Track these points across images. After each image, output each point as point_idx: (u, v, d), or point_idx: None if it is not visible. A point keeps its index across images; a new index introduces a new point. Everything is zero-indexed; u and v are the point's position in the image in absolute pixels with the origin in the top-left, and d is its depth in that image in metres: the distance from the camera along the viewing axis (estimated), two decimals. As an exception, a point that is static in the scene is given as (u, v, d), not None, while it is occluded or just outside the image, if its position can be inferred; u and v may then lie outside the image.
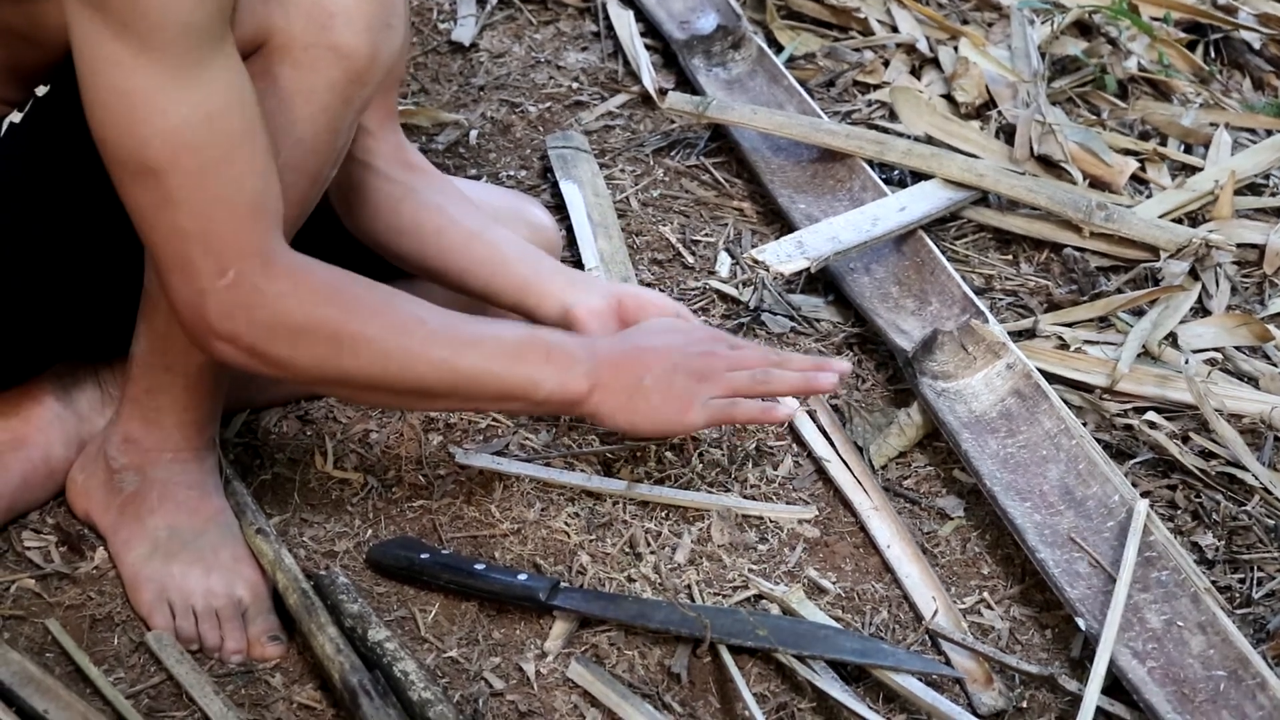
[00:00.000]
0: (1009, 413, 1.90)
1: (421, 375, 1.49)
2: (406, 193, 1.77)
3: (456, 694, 1.55)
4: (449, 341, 1.50)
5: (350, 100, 1.47)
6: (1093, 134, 2.48)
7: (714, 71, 2.60)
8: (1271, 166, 2.48)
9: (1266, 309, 2.21)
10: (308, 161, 1.48)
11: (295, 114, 1.44)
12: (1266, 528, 1.82)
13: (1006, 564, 1.79)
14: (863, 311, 2.09)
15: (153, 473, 1.62)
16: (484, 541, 1.72)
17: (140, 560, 1.60)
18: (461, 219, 1.78)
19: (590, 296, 1.76)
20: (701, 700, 1.59)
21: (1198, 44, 2.84)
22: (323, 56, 1.43)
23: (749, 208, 2.34)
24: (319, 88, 1.44)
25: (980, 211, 2.32)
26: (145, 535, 1.61)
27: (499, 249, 1.77)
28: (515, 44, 2.69)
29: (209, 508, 1.63)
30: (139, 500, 1.62)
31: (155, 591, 1.59)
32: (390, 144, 1.78)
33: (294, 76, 1.43)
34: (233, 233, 1.37)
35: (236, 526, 1.64)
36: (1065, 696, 1.61)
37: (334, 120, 1.47)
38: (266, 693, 1.54)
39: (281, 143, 1.44)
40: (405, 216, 1.77)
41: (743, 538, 1.77)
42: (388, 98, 1.75)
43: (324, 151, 1.49)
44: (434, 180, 1.81)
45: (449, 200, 1.79)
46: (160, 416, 1.60)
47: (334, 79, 1.44)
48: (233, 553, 1.61)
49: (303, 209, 1.52)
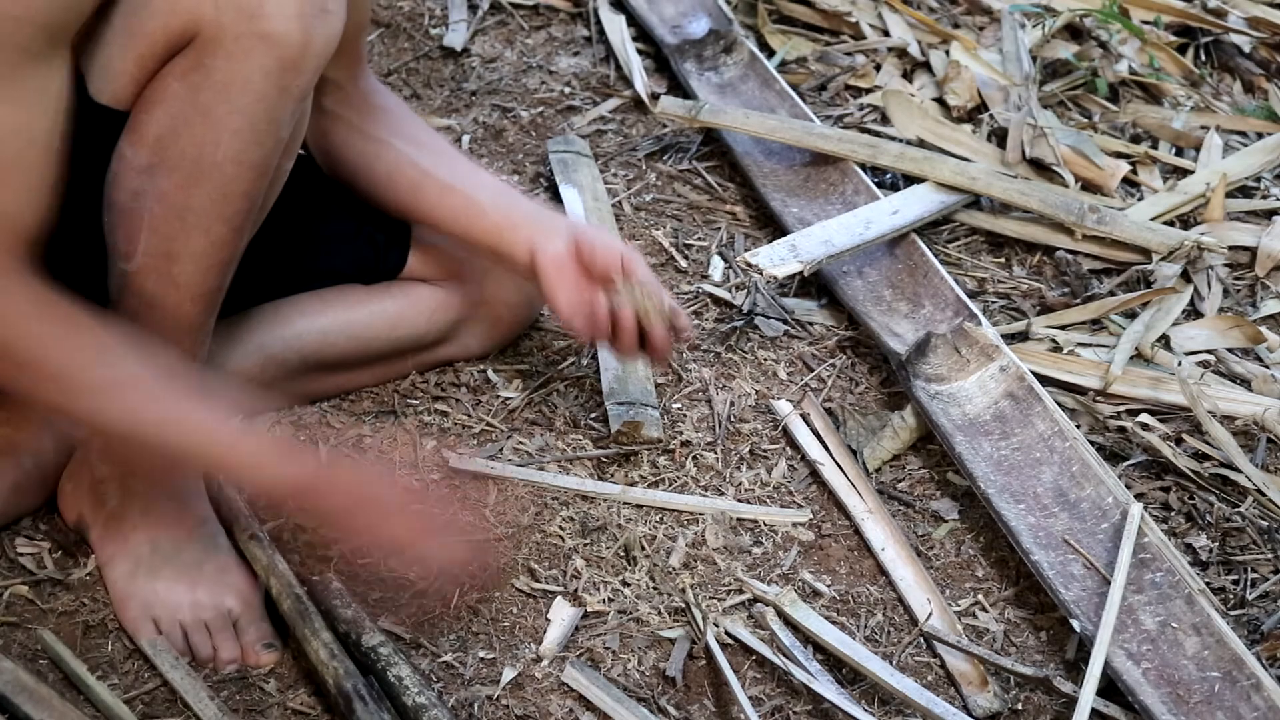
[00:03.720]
0: (1002, 415, 1.90)
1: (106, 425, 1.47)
2: (381, 149, 1.79)
3: (451, 699, 1.55)
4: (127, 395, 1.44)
5: (287, 88, 1.44)
6: (1084, 137, 2.49)
7: (706, 76, 2.60)
8: (1262, 169, 2.49)
9: (1259, 311, 2.22)
10: (249, 153, 1.46)
11: (231, 105, 1.43)
12: (1260, 529, 1.82)
13: (1001, 566, 1.79)
14: (856, 315, 2.09)
15: (134, 485, 1.61)
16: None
17: (124, 578, 1.60)
18: (435, 171, 1.79)
19: (553, 241, 1.76)
20: (696, 704, 1.59)
21: (1188, 47, 2.84)
22: (254, 46, 1.41)
23: (742, 211, 2.34)
24: (253, 77, 1.42)
25: (972, 215, 2.32)
26: (128, 552, 1.61)
27: (472, 199, 1.79)
28: (507, 49, 2.69)
29: (190, 518, 1.62)
30: (121, 516, 1.61)
31: (140, 608, 1.58)
32: (359, 93, 1.79)
33: (226, 68, 1.42)
34: None
35: (222, 535, 1.64)
36: (1060, 698, 1.61)
37: (272, 109, 1.45)
38: (261, 698, 1.54)
39: (220, 135, 1.43)
40: (381, 174, 1.79)
41: (737, 541, 1.77)
42: (353, 46, 1.74)
43: (266, 143, 1.47)
44: (406, 126, 1.82)
45: (422, 153, 1.80)
46: None
47: (267, 67, 1.42)
48: (217, 564, 1.61)
49: (251, 201, 1.50)
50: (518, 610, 1.66)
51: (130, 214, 1.47)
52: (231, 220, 1.49)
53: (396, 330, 1.87)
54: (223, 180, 1.45)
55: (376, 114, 1.81)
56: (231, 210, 1.48)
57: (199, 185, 1.45)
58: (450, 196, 1.79)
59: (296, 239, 1.82)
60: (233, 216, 1.49)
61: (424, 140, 1.83)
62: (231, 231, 1.50)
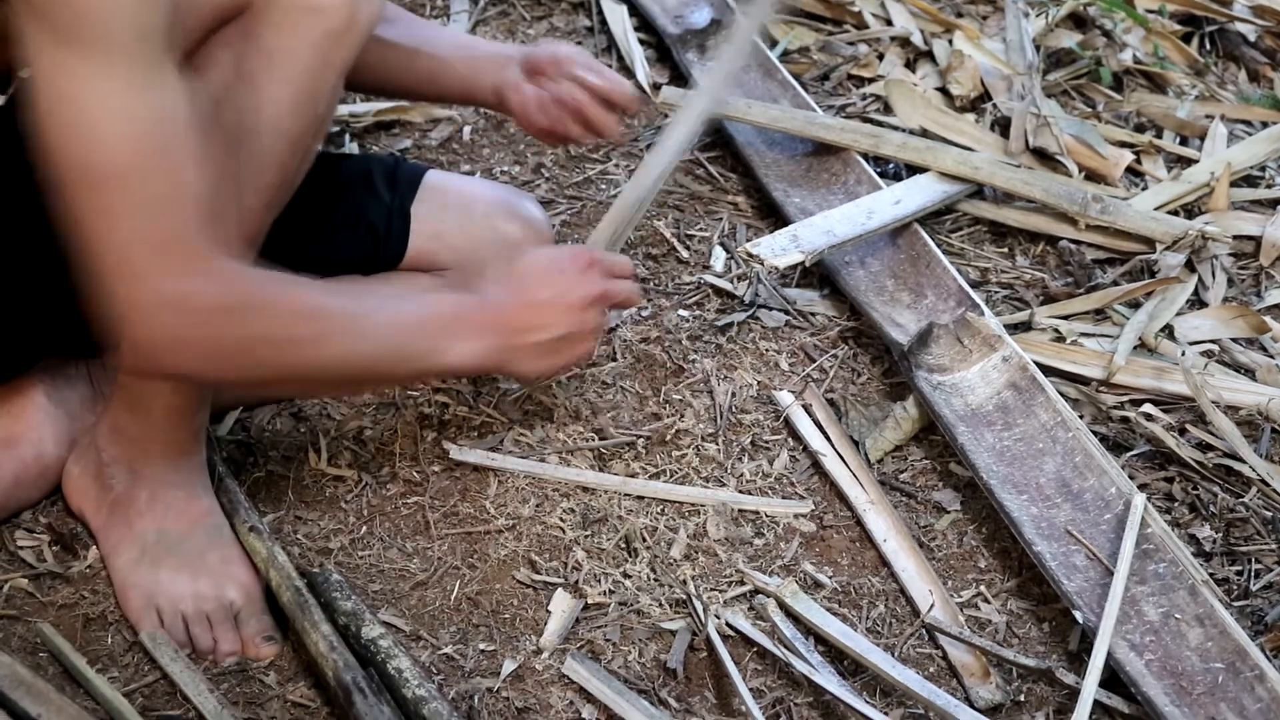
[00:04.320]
0: (1005, 406, 1.89)
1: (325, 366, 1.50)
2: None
3: (451, 691, 1.54)
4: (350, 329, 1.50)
5: (330, 61, 1.48)
6: (1088, 126, 2.48)
7: (708, 66, 2.60)
8: (1267, 158, 2.48)
9: (1263, 300, 2.21)
10: (286, 123, 1.49)
11: (276, 74, 1.46)
12: (1264, 520, 1.82)
13: (1003, 557, 1.78)
14: (858, 305, 2.08)
15: (142, 471, 1.61)
16: (478, 538, 1.71)
17: (128, 566, 1.60)
18: (400, 39, 1.85)
19: (509, 73, 1.87)
20: (698, 695, 1.58)
21: (1193, 36, 2.83)
22: (304, 16, 1.46)
23: (744, 202, 2.34)
24: (300, 48, 1.46)
25: (975, 204, 2.31)
26: (134, 539, 1.61)
27: (437, 57, 1.87)
28: (509, 39, 2.68)
29: (197, 509, 1.63)
30: (128, 501, 1.62)
31: (143, 598, 1.58)
32: None
33: (275, 36, 1.46)
34: (181, 241, 1.36)
35: (226, 527, 1.64)
36: (1063, 690, 1.60)
37: (314, 81, 1.48)
38: (261, 691, 1.53)
39: (262, 102, 1.46)
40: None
41: (738, 532, 1.76)
42: None
43: (304, 114, 1.50)
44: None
45: (387, 24, 1.83)
46: (147, 401, 1.59)
47: (314, 39, 1.47)
48: (221, 555, 1.61)
49: (284, 174, 1.52)
50: (518, 602, 1.66)
51: None
52: (263, 192, 1.50)
53: (397, 321, 1.86)
54: (260, 149, 1.47)
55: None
56: (264, 181, 1.50)
57: (237, 152, 1.46)
58: (418, 61, 1.86)
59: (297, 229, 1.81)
60: (265, 188, 1.50)
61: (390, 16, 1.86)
62: (263, 204, 1.51)
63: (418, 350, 1.53)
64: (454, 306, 1.57)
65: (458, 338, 1.54)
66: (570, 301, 1.61)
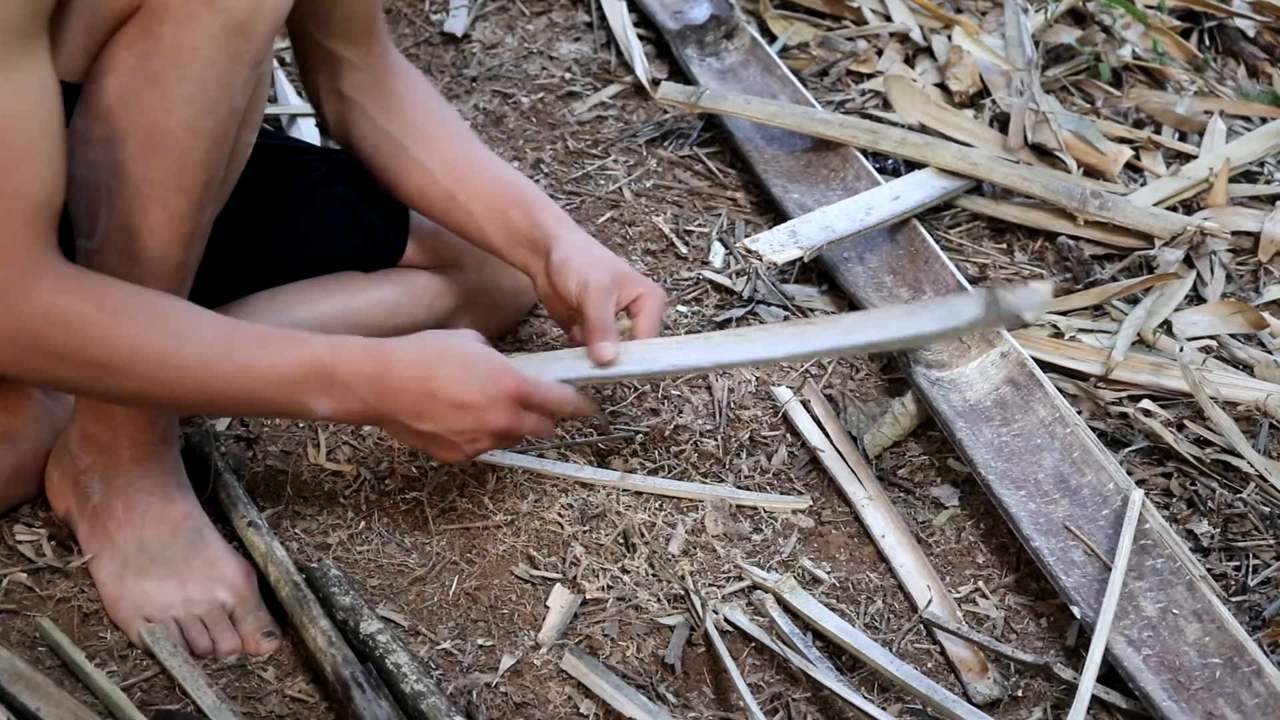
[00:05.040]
0: (1003, 401, 1.89)
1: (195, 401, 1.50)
2: (394, 148, 1.79)
3: (450, 686, 1.54)
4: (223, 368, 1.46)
5: (238, 54, 1.43)
6: (1087, 122, 2.48)
7: (707, 61, 2.60)
8: (1266, 154, 2.48)
9: (1261, 296, 2.21)
10: (202, 121, 1.44)
11: (182, 72, 1.41)
12: (1262, 515, 1.82)
13: (1001, 553, 1.78)
14: (856, 301, 2.08)
15: (115, 479, 1.60)
16: (477, 534, 1.72)
17: (113, 578, 1.59)
18: (441, 177, 1.79)
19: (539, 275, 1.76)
20: (696, 691, 1.58)
21: (1192, 32, 2.83)
22: (202, 11, 1.40)
23: (742, 198, 2.34)
24: (202, 43, 1.40)
25: (974, 200, 2.31)
26: (115, 552, 1.60)
27: (472, 216, 1.79)
28: (508, 35, 2.68)
29: (174, 513, 1.61)
30: (106, 512, 1.60)
31: (131, 610, 1.57)
32: (375, 75, 1.78)
33: (175, 34, 1.40)
34: (8, 235, 1.34)
35: (209, 527, 1.63)
36: (1061, 685, 1.61)
37: (223, 76, 1.43)
38: (259, 686, 1.54)
39: (170, 103, 1.42)
40: (392, 173, 1.81)
41: (737, 528, 1.76)
42: (365, 23, 1.74)
43: (219, 111, 1.45)
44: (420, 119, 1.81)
45: (431, 154, 1.79)
46: (110, 409, 1.57)
47: (216, 33, 1.40)
48: (205, 557, 1.60)
49: (209, 172, 1.47)
50: (516, 597, 1.66)
51: (88, 189, 1.44)
52: (190, 192, 1.46)
53: (395, 318, 1.86)
54: (177, 150, 1.43)
55: (392, 102, 1.79)
56: (189, 181, 1.45)
57: (153, 156, 1.42)
58: (454, 210, 1.79)
59: (295, 226, 1.81)
60: (191, 188, 1.46)
61: (433, 135, 1.81)
62: (191, 205, 1.47)
63: (276, 401, 1.50)
64: (331, 362, 1.49)
65: (326, 394, 1.49)
66: (466, 418, 1.54)
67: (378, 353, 1.52)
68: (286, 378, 1.48)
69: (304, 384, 1.48)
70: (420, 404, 1.52)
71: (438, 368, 1.54)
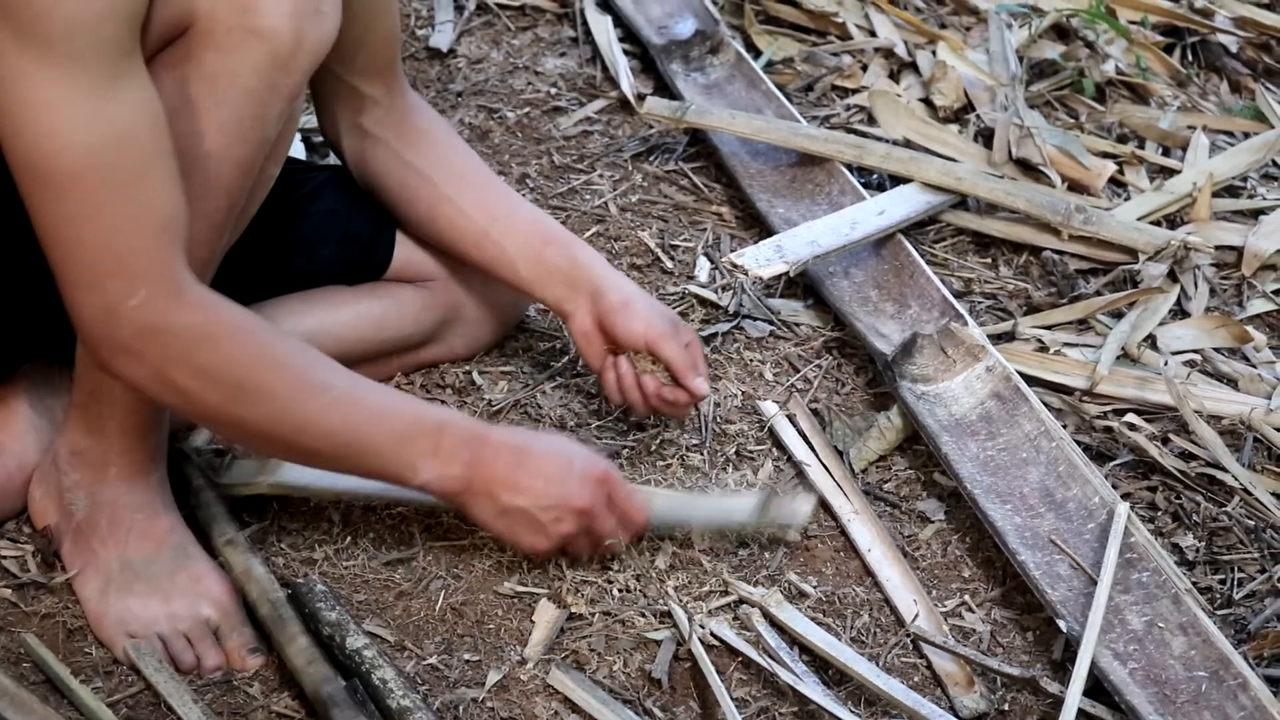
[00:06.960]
0: (989, 415, 1.90)
1: (310, 442, 1.51)
2: (421, 183, 1.81)
3: (436, 701, 1.54)
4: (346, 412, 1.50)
5: (276, 86, 1.45)
6: (1071, 137, 2.48)
7: (692, 76, 2.60)
8: (1249, 169, 2.49)
9: (1245, 310, 2.22)
10: (233, 149, 1.46)
11: (219, 98, 1.43)
12: (1247, 528, 1.82)
13: (987, 567, 1.79)
14: (842, 315, 2.09)
15: (100, 495, 1.59)
16: (463, 549, 1.71)
17: (96, 595, 1.59)
18: (473, 214, 1.81)
19: (579, 309, 1.79)
20: (682, 705, 1.58)
21: (1175, 47, 2.84)
22: (246, 40, 1.41)
23: (728, 212, 2.34)
24: (242, 71, 1.42)
25: (959, 215, 2.32)
26: (98, 569, 1.59)
27: (504, 251, 1.81)
28: (493, 50, 2.68)
29: (159, 529, 1.61)
30: (90, 529, 1.60)
31: (115, 627, 1.57)
32: (398, 113, 1.79)
33: (217, 60, 1.42)
34: (143, 253, 1.36)
35: (193, 544, 1.62)
36: (1047, 699, 1.61)
37: (259, 106, 1.45)
38: (245, 701, 1.53)
39: (206, 127, 1.43)
40: (420, 209, 1.82)
41: (722, 542, 1.76)
42: (387, 60, 1.75)
43: (251, 140, 1.47)
44: (445, 155, 1.83)
45: (461, 191, 1.81)
46: (103, 424, 1.57)
47: (258, 62, 1.42)
48: (189, 573, 1.60)
49: (232, 199, 1.49)
50: (502, 613, 1.65)
51: None
52: (211, 217, 1.48)
53: (382, 331, 1.86)
54: (205, 175, 1.45)
55: (416, 138, 1.81)
56: (212, 207, 1.47)
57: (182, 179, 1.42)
58: (485, 244, 1.81)
59: (280, 239, 1.81)
60: (213, 214, 1.48)
61: (462, 173, 1.83)
62: (211, 229, 1.49)
63: (385, 456, 1.53)
64: (438, 425, 1.55)
65: (433, 457, 1.53)
66: (552, 492, 1.57)
67: (479, 423, 1.61)
68: (402, 433, 1.53)
69: (414, 442, 1.53)
70: (512, 474, 1.56)
71: (534, 441, 1.60)
